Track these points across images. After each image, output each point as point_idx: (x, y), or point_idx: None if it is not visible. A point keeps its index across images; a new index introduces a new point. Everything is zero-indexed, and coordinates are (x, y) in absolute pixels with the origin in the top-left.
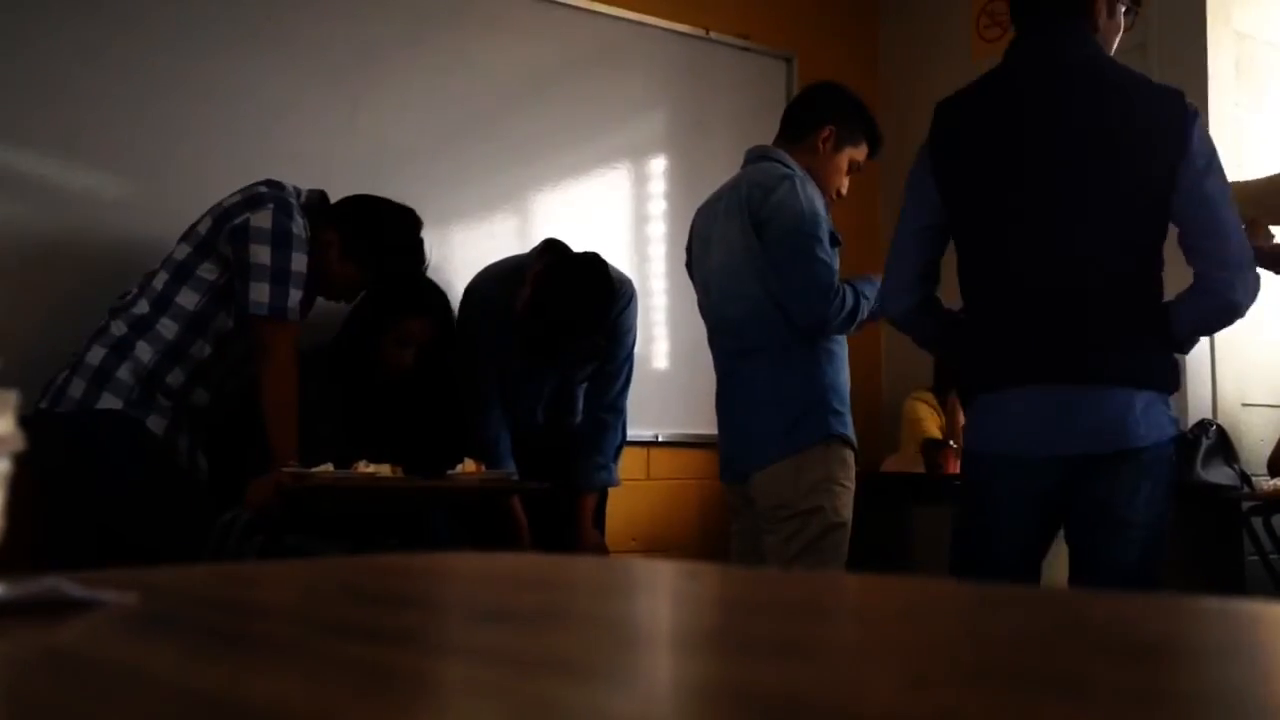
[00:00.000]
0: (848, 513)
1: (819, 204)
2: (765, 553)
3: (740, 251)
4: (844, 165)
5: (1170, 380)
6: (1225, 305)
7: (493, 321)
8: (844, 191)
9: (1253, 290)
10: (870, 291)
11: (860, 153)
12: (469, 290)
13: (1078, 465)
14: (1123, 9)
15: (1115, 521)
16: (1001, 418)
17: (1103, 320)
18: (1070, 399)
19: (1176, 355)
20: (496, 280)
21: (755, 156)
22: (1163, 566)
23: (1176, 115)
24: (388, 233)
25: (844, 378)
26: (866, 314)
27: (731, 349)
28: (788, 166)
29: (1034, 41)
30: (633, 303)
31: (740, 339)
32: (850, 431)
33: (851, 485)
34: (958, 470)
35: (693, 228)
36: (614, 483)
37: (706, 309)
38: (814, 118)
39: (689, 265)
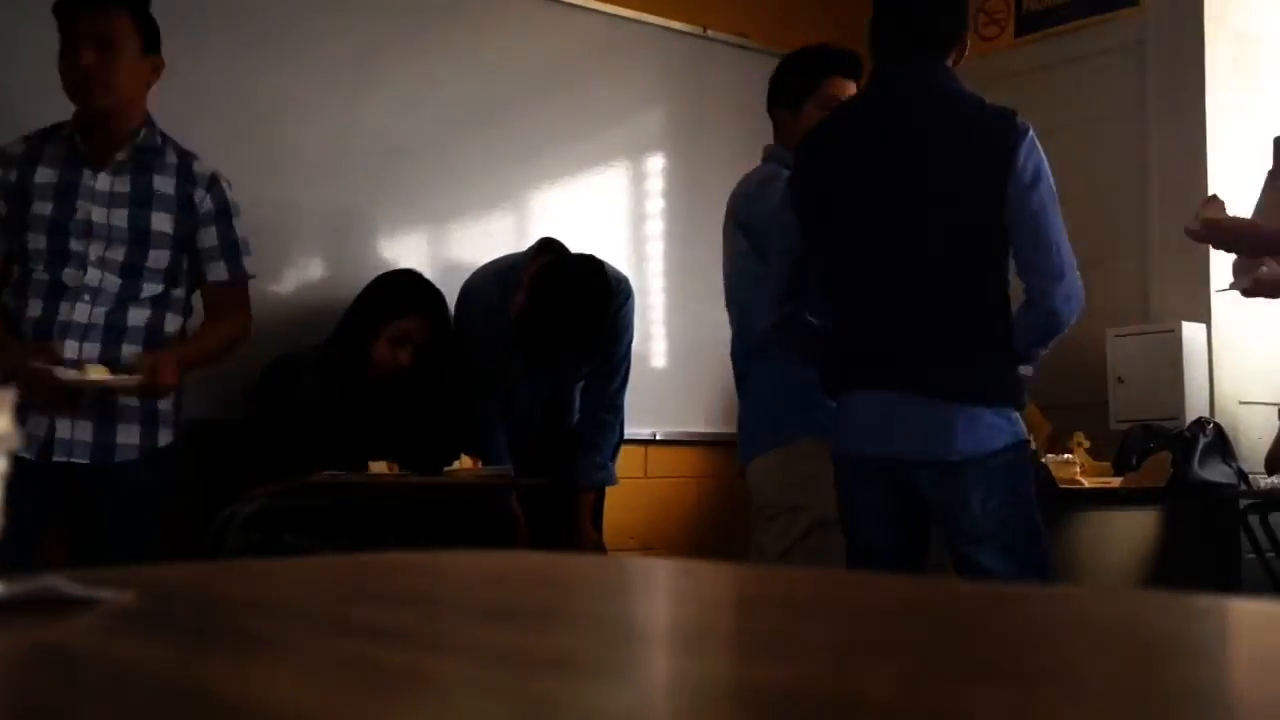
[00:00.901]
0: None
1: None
2: (761, 550)
3: (736, 256)
4: (815, 116)
5: (1003, 394)
6: (1046, 315)
7: (489, 321)
8: None
9: (1073, 298)
10: None
11: (831, 88)
12: (465, 289)
13: (908, 469)
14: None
15: (957, 531)
16: (846, 418)
17: (934, 335)
18: (896, 405)
19: (1021, 370)
20: (493, 279)
21: (764, 155)
22: (1040, 573)
23: (1004, 134)
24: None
25: None
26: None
27: (742, 348)
28: (781, 163)
29: (882, 75)
30: (630, 301)
31: (746, 339)
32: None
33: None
34: None
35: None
36: (612, 481)
37: (729, 308)
38: (771, 107)
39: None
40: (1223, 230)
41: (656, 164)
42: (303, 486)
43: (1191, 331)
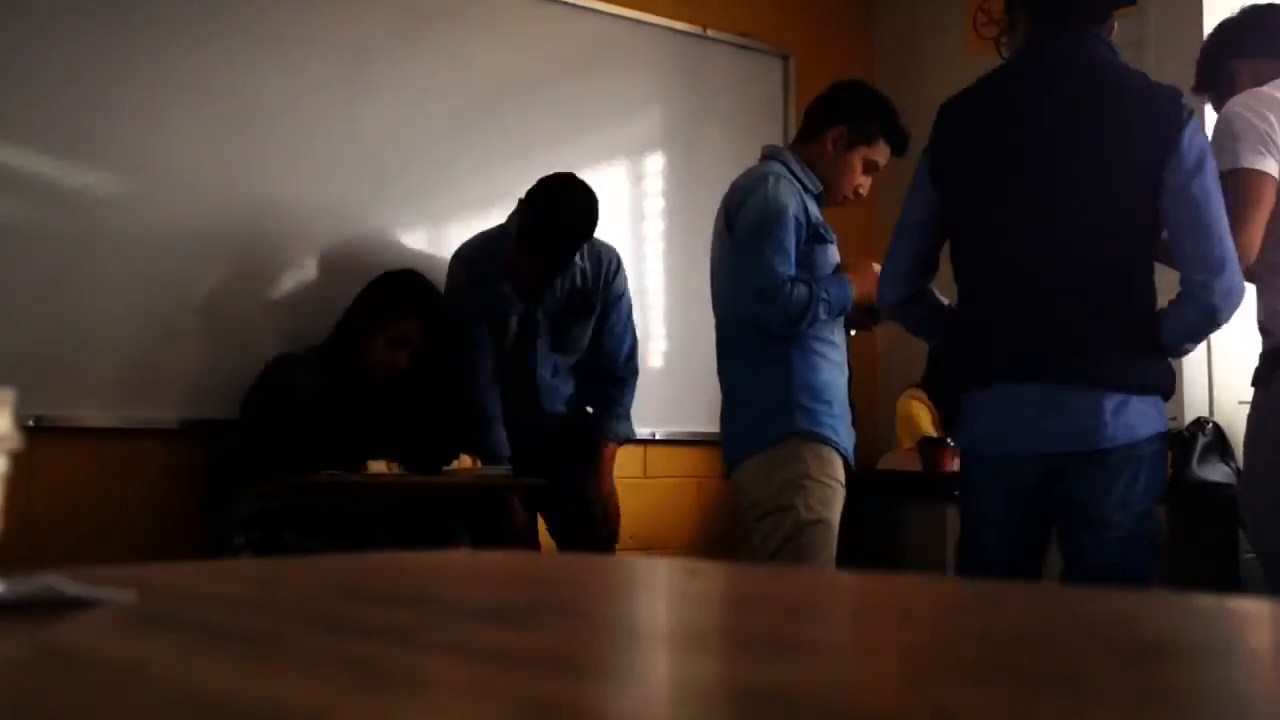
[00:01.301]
0: (826, 510)
1: (792, 202)
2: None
3: (719, 252)
4: (857, 166)
5: (1152, 383)
6: (1205, 310)
7: (479, 270)
8: (863, 193)
9: (1233, 294)
10: (835, 293)
11: (878, 153)
12: (452, 258)
13: (1053, 464)
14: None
15: (1090, 521)
16: (987, 414)
17: (1084, 321)
18: (1045, 398)
19: (1169, 359)
20: (479, 238)
21: (762, 156)
22: (1150, 568)
23: (1170, 114)
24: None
25: (825, 376)
26: (825, 314)
27: (720, 347)
28: (782, 163)
29: (1043, 42)
30: (623, 269)
31: (724, 336)
32: (826, 428)
33: (833, 482)
34: (956, 468)
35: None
36: (632, 435)
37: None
38: (826, 117)
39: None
40: None
41: (656, 163)
42: (303, 486)
43: None
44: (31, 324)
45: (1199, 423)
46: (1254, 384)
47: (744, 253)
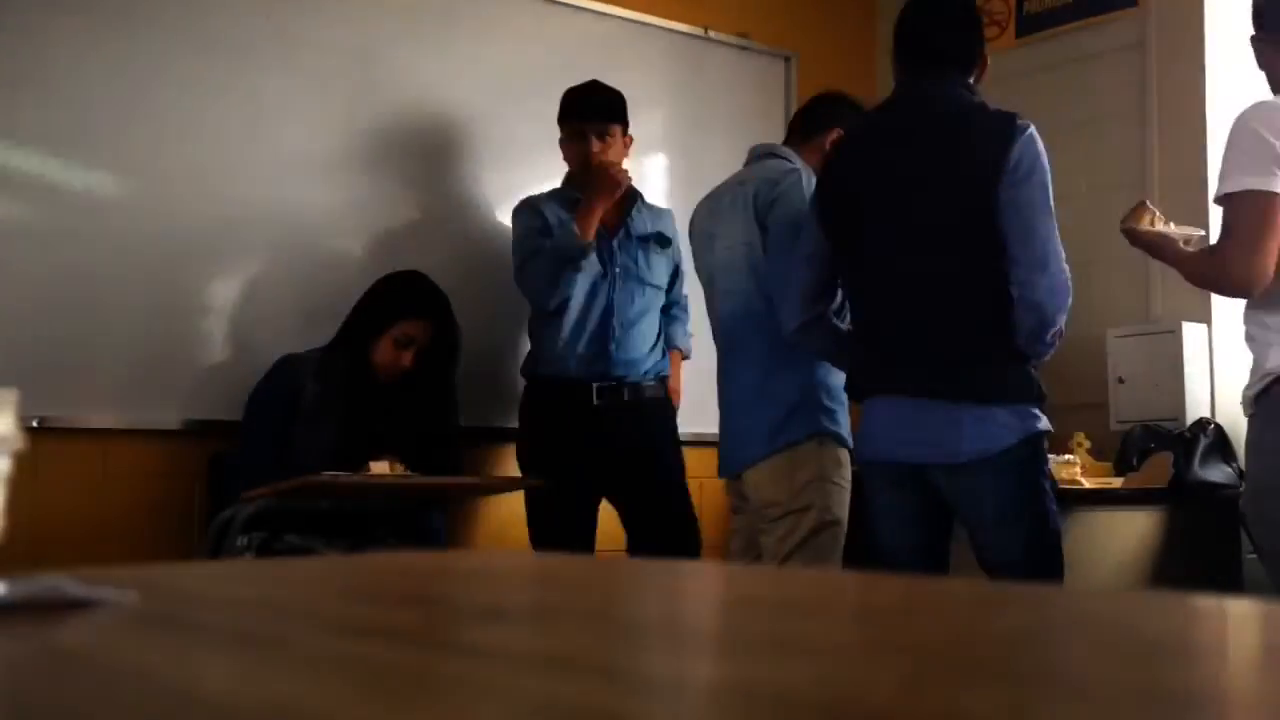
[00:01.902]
0: (841, 511)
1: None
2: (762, 550)
3: (741, 246)
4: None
5: (1014, 392)
6: (1030, 307)
7: (546, 205)
8: None
9: (1057, 291)
10: None
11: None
12: (516, 209)
13: (924, 475)
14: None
15: (970, 526)
16: (867, 424)
17: (940, 339)
18: (912, 412)
19: (1030, 367)
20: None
21: (762, 153)
22: (1043, 568)
23: (1001, 133)
24: None
25: (839, 376)
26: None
27: (726, 345)
28: (792, 163)
29: (900, 89)
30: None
31: (733, 335)
32: (843, 429)
33: (845, 484)
34: None
35: (693, 224)
36: (691, 352)
37: (708, 303)
38: (824, 119)
39: (693, 258)
40: (1137, 240)
41: (658, 164)
42: (303, 486)
43: (1192, 332)
44: (34, 325)
45: (1200, 424)
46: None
47: (785, 253)
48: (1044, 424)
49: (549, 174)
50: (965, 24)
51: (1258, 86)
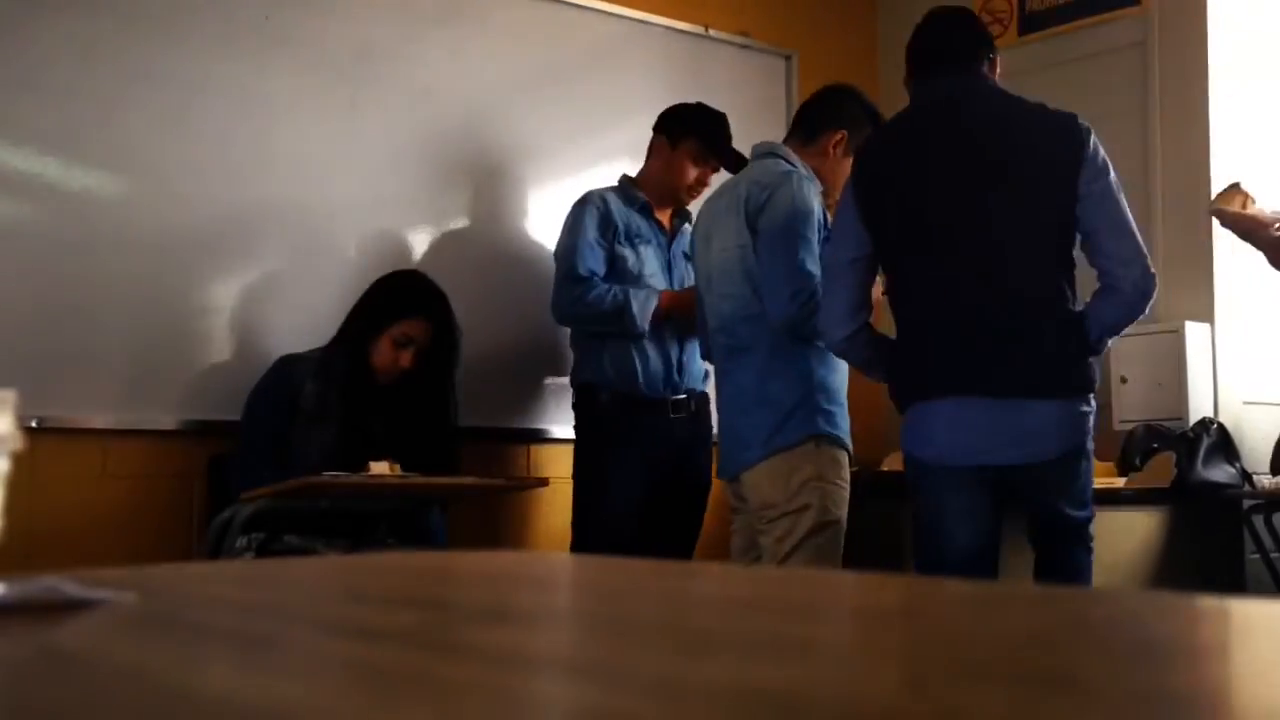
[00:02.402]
0: (840, 511)
1: (816, 204)
2: (761, 551)
3: (734, 248)
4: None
5: (1084, 382)
6: (1126, 300)
7: (613, 200)
8: None
9: (1150, 286)
10: None
11: None
12: (576, 204)
13: (1002, 473)
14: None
15: (1047, 521)
16: (931, 425)
17: (1019, 334)
18: (993, 411)
19: (1091, 359)
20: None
21: (761, 153)
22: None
23: (1071, 133)
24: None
25: (838, 377)
26: None
27: (724, 346)
28: (790, 164)
29: (928, 84)
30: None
31: (731, 337)
32: (841, 430)
33: (844, 484)
34: None
35: (695, 224)
36: None
37: (706, 306)
38: (826, 120)
39: (693, 259)
40: (1225, 222)
41: None
42: (304, 487)
43: (1195, 331)
44: (34, 325)
45: (1204, 423)
46: None
47: (777, 250)
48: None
49: (549, 173)
50: (978, 25)
51: (1260, 85)
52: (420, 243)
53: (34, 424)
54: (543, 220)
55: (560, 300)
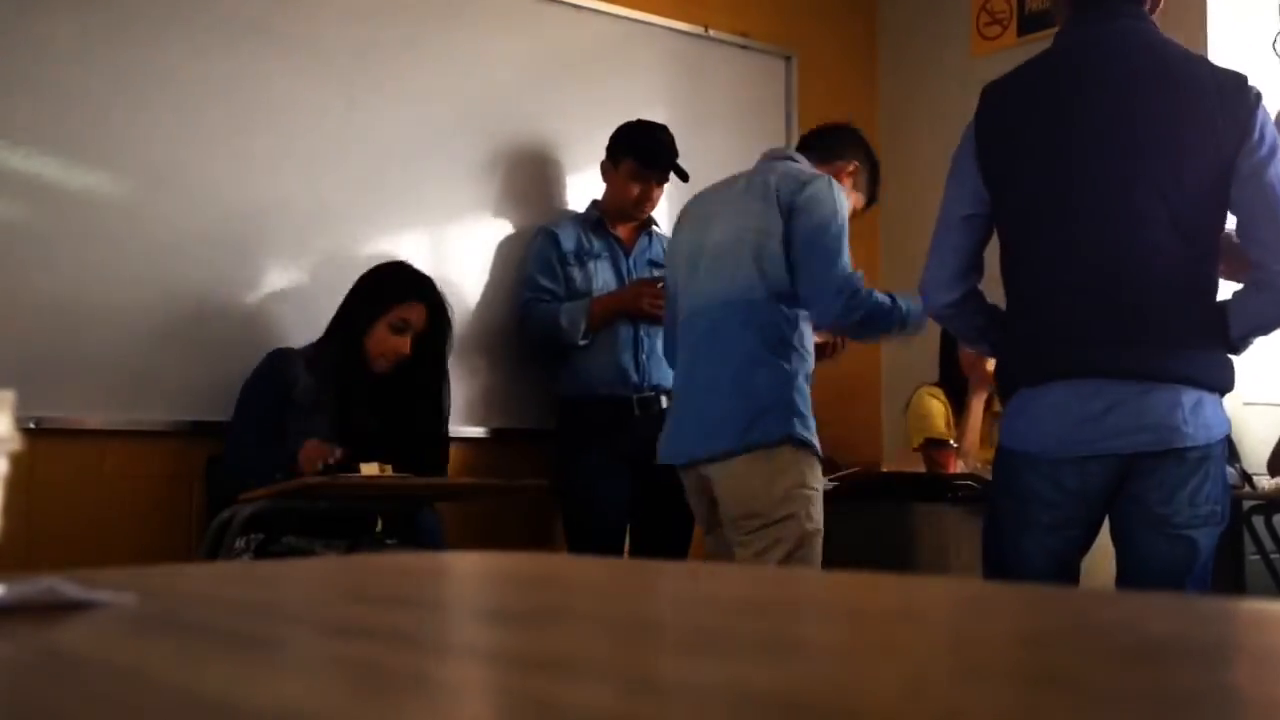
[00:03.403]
0: (821, 520)
1: (846, 210)
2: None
3: (749, 233)
4: (856, 205)
5: (1222, 378)
6: (1274, 296)
7: (564, 229)
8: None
9: None
10: (906, 307)
11: (860, 202)
12: (536, 233)
13: (1124, 464)
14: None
15: (1155, 520)
16: (1041, 413)
17: (1154, 315)
18: (1118, 394)
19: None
20: (544, 227)
21: (780, 156)
22: (1208, 570)
23: (1240, 99)
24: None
25: (808, 387)
26: (897, 329)
27: (703, 329)
28: (814, 169)
29: (1092, 21)
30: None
31: (720, 320)
32: (814, 437)
33: (820, 491)
34: (960, 469)
35: (684, 209)
36: None
37: (684, 287)
38: (844, 148)
39: (671, 245)
40: None
41: None
42: (302, 487)
43: None
44: (32, 326)
45: None
46: None
47: (827, 250)
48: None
49: (549, 173)
50: None
51: (1259, 85)
52: (419, 242)
53: (32, 425)
54: (542, 220)
55: (520, 325)
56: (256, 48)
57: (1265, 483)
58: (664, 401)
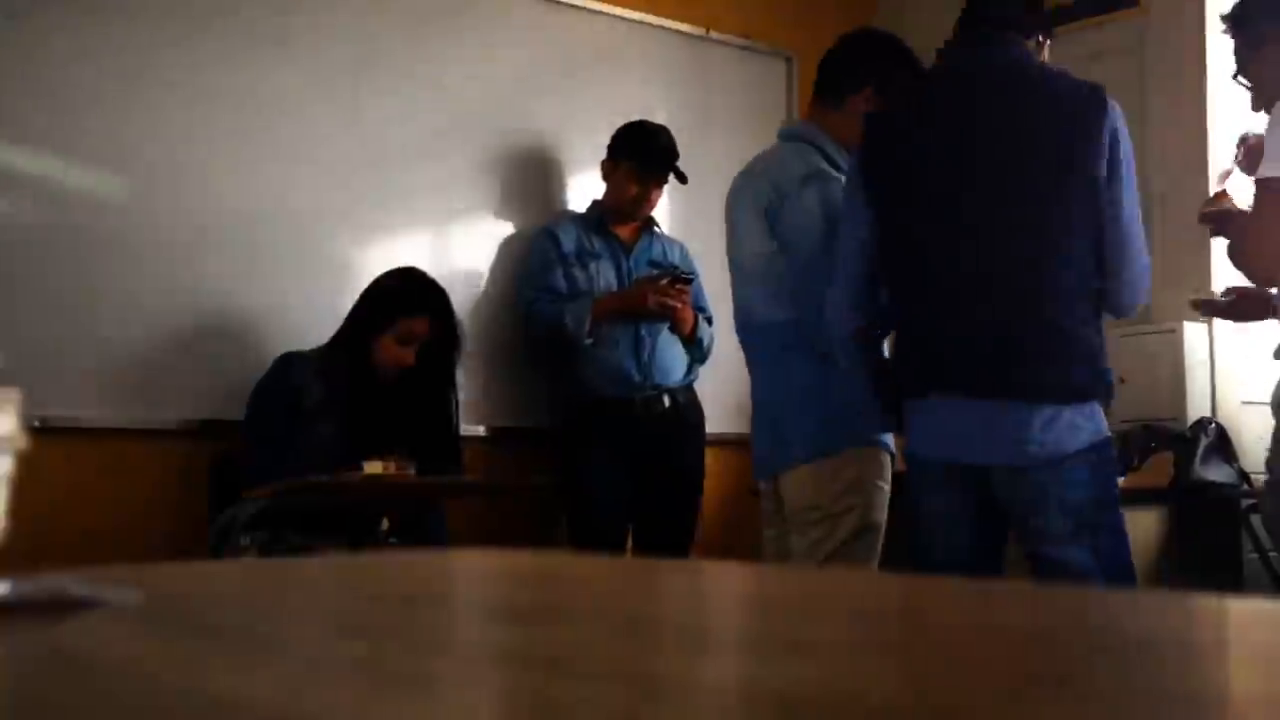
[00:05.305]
0: (881, 515)
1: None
2: (791, 555)
3: (758, 260)
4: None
5: (1084, 390)
6: (1114, 307)
7: (564, 229)
8: None
9: (1139, 288)
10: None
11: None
12: (535, 234)
13: (986, 475)
14: (1045, 40)
15: (1030, 531)
16: (925, 423)
17: (1013, 331)
18: (976, 411)
19: (1102, 364)
20: (544, 226)
21: (787, 135)
22: (1116, 573)
23: (1088, 107)
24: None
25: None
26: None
27: (761, 343)
28: (817, 147)
29: (959, 53)
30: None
31: (773, 335)
32: (884, 434)
33: (886, 486)
34: None
35: (726, 202)
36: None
37: (737, 295)
38: (849, 78)
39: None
40: (1206, 221)
41: None
42: (306, 486)
43: (1193, 331)
44: (36, 325)
45: (1201, 423)
46: None
47: (820, 273)
48: (1106, 427)
49: (549, 174)
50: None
51: None
52: (423, 242)
53: (37, 423)
54: (543, 221)
55: (524, 326)
56: (260, 47)
57: (1263, 482)
58: (666, 401)
